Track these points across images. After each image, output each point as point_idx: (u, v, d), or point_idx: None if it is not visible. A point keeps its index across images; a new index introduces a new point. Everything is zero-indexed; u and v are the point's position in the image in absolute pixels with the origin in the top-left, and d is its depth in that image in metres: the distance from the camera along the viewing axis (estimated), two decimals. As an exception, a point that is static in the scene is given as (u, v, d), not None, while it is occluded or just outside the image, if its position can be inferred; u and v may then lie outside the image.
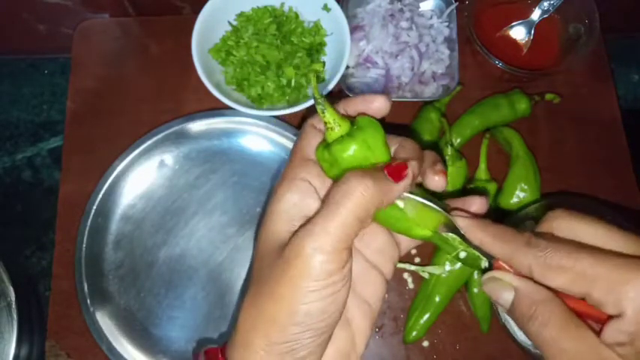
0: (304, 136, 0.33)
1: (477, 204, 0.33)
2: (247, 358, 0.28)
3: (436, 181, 0.31)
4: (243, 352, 0.28)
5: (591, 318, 0.28)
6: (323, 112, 0.31)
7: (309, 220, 0.28)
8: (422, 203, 0.32)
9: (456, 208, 0.33)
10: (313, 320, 0.27)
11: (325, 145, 0.31)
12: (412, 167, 0.30)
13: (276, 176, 0.59)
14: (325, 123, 0.31)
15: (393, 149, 0.32)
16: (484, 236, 0.31)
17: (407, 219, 0.32)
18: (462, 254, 0.32)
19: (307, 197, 0.30)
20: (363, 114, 0.33)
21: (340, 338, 0.31)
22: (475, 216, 0.32)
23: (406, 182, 0.29)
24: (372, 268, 0.33)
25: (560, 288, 0.27)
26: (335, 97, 0.57)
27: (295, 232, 0.28)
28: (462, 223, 0.31)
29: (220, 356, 0.30)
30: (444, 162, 0.56)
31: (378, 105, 0.32)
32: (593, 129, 0.63)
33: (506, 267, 0.31)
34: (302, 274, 0.27)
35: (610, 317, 0.27)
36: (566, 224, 0.29)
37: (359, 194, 0.27)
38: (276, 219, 0.30)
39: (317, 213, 0.28)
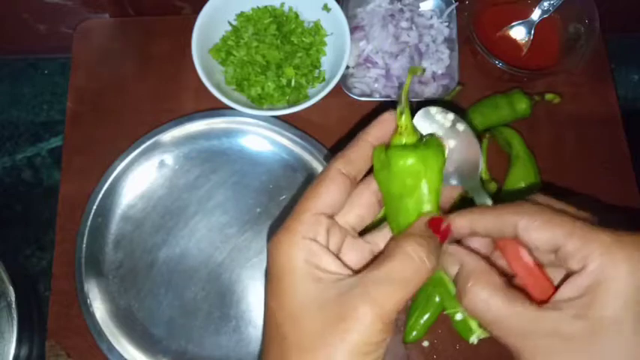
0: (325, 183, 0.31)
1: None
2: None
3: None
4: None
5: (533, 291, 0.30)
6: (401, 115, 0.32)
7: (370, 284, 0.28)
8: None
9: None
10: None
11: (386, 146, 0.32)
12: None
13: (277, 177, 0.59)
14: (398, 126, 0.32)
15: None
16: (473, 216, 0.31)
17: None
18: (459, 316, 0.33)
19: (323, 256, 0.30)
20: (435, 138, 0.33)
21: None
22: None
23: (449, 241, 0.31)
24: None
25: (538, 242, 0.29)
26: (335, 97, 0.57)
27: (350, 294, 0.28)
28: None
29: None
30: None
31: None
32: (593, 129, 0.63)
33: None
34: (362, 341, 0.27)
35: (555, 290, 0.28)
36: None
37: (424, 273, 0.28)
38: (297, 279, 0.29)
39: (379, 280, 0.28)
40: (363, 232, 0.35)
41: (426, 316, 0.54)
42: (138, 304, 0.56)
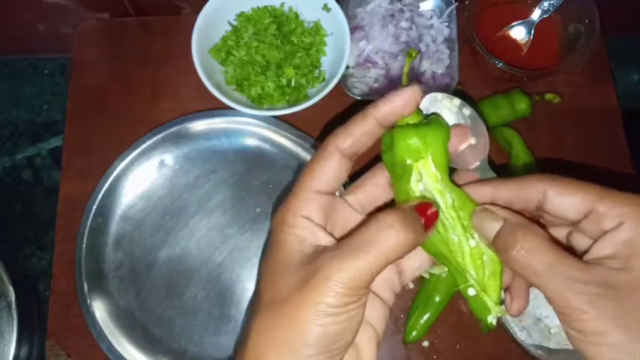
0: (321, 158, 0.31)
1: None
2: None
3: None
4: None
5: None
6: None
7: (338, 249, 0.28)
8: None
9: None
10: (327, 342, 0.28)
11: (391, 128, 0.32)
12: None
13: (277, 177, 0.59)
14: None
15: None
16: (497, 184, 0.32)
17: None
18: (472, 291, 0.32)
19: (314, 232, 0.30)
20: (437, 117, 0.33)
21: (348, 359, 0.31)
22: None
23: (433, 230, 0.31)
24: (373, 294, 0.33)
25: (570, 206, 0.30)
26: (335, 97, 0.57)
27: (321, 258, 0.28)
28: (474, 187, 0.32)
29: None
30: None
31: (401, 104, 0.31)
32: (593, 129, 0.63)
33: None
34: (321, 300, 0.27)
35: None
36: None
37: (393, 243, 0.28)
38: (287, 249, 0.30)
39: (347, 245, 0.28)
40: None
41: (426, 316, 0.54)
42: (138, 304, 0.56)
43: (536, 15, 0.62)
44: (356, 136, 0.31)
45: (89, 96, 0.64)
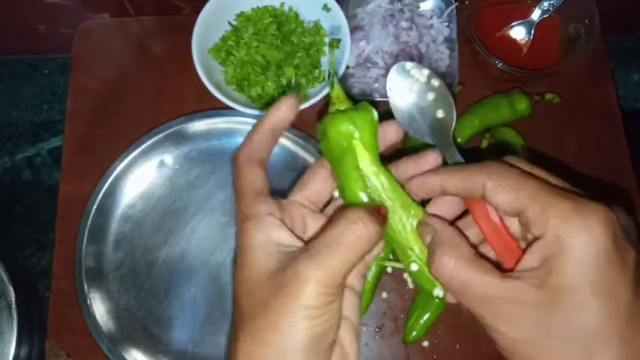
0: (244, 174, 0.33)
1: (430, 159, 0.33)
2: None
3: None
4: None
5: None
6: (333, 87, 0.34)
7: (311, 249, 0.29)
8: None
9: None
10: (315, 343, 0.28)
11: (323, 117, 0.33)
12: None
13: (277, 177, 0.59)
14: (331, 97, 0.34)
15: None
16: (443, 175, 0.32)
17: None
18: (414, 267, 0.33)
19: (277, 230, 0.31)
20: (364, 103, 0.34)
21: (334, 355, 0.31)
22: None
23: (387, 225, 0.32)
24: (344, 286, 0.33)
25: (504, 204, 0.29)
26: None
27: (295, 261, 0.28)
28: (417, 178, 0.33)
29: None
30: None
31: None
32: (593, 129, 0.63)
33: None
34: (305, 304, 0.27)
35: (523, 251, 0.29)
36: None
37: (365, 234, 0.29)
38: (255, 255, 0.30)
39: (319, 245, 0.29)
40: None
41: (425, 316, 0.54)
42: (138, 304, 0.56)
43: (536, 15, 0.62)
44: (255, 144, 0.33)
45: (89, 96, 0.64)
